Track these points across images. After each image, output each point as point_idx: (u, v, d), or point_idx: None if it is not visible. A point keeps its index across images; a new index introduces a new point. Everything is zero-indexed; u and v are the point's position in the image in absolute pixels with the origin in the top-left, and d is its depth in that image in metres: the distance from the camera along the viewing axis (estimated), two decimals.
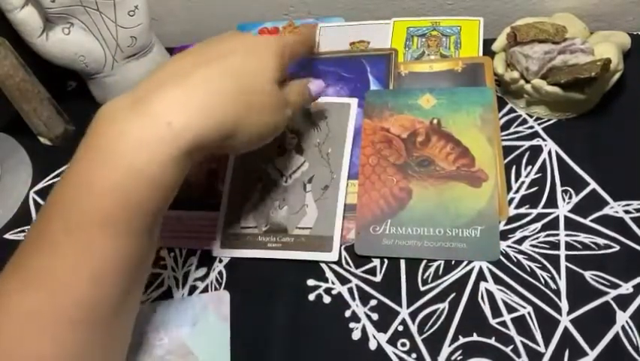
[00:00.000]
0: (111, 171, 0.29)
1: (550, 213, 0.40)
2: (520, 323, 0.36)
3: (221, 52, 0.34)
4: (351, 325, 0.38)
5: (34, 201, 0.51)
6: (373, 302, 0.39)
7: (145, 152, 0.29)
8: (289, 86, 0.39)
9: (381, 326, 0.38)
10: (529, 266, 0.38)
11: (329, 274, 0.41)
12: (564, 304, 0.36)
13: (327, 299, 0.40)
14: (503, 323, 0.36)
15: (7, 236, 0.49)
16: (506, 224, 0.41)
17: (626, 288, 0.36)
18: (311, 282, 0.41)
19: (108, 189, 0.28)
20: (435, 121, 0.45)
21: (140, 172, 0.29)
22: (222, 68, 0.33)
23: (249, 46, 0.36)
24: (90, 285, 0.29)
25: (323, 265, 0.41)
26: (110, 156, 0.29)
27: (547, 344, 0.35)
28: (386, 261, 0.41)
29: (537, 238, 0.40)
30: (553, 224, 0.40)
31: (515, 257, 0.39)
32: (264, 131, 0.35)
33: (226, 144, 0.33)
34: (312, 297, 0.40)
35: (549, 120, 0.45)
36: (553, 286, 0.37)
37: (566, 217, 0.40)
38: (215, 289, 0.42)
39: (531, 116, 0.46)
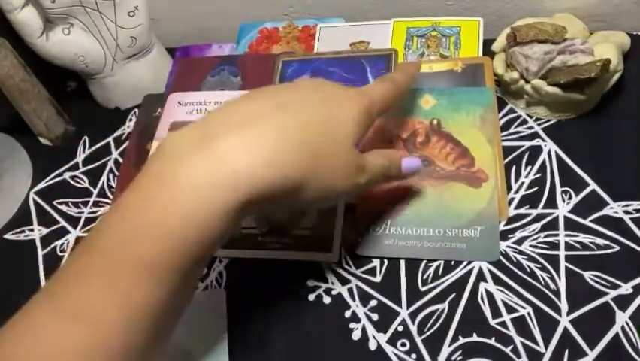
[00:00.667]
0: (162, 214, 0.27)
1: (549, 214, 0.40)
2: (520, 324, 0.36)
3: (301, 100, 0.32)
4: (351, 325, 0.38)
5: (34, 201, 0.51)
6: (373, 302, 0.39)
7: (202, 199, 0.27)
8: (374, 155, 0.35)
9: (381, 326, 0.38)
10: (528, 267, 0.38)
11: (329, 275, 0.41)
12: (564, 305, 0.36)
13: (327, 299, 0.40)
14: (503, 324, 0.36)
15: (7, 236, 0.49)
16: (506, 224, 0.41)
17: (626, 288, 0.36)
18: (311, 282, 0.41)
19: (157, 233, 0.27)
20: (435, 121, 0.45)
21: (192, 220, 0.27)
22: (300, 120, 0.30)
23: (331, 99, 0.33)
24: (121, 329, 0.27)
25: (323, 266, 0.41)
26: (165, 195, 0.27)
27: (546, 345, 0.35)
28: (386, 261, 0.41)
29: (537, 239, 0.40)
30: (552, 224, 0.40)
31: (515, 257, 0.39)
32: (331, 192, 0.32)
33: (289, 200, 0.31)
34: (312, 297, 0.40)
35: (549, 121, 0.45)
36: (552, 286, 0.37)
37: (565, 218, 0.40)
38: (215, 289, 0.42)
39: (531, 117, 0.46)
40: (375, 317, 0.38)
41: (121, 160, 0.52)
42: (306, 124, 0.30)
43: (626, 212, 0.40)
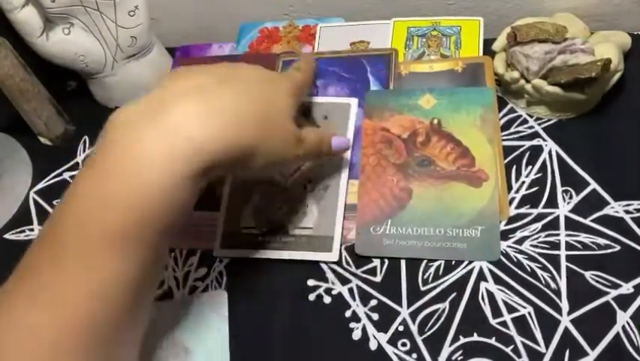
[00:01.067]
0: (124, 185, 0.27)
1: (550, 213, 0.40)
2: (521, 323, 0.36)
3: (244, 76, 0.34)
4: (352, 325, 0.38)
5: (34, 201, 0.51)
6: (374, 302, 0.39)
7: (162, 167, 0.28)
8: (309, 131, 0.38)
9: (382, 326, 0.38)
10: (529, 266, 0.38)
11: (329, 275, 0.41)
12: (564, 305, 0.36)
13: (327, 299, 0.40)
14: (504, 323, 0.36)
15: (7, 236, 0.49)
16: (506, 224, 0.41)
17: (627, 288, 0.36)
18: (311, 282, 0.41)
19: (119, 204, 0.27)
20: (435, 121, 0.45)
21: (155, 188, 0.28)
22: (247, 91, 0.33)
23: (268, 77, 0.36)
24: (94, 303, 0.27)
25: (323, 265, 0.41)
26: (123, 168, 0.28)
27: (547, 344, 0.35)
28: (386, 261, 0.41)
29: (537, 238, 0.39)
30: (553, 224, 0.40)
31: (515, 257, 0.39)
32: (277, 160, 0.35)
33: (240, 167, 0.33)
34: (312, 297, 0.40)
35: (549, 120, 0.45)
36: (553, 286, 0.37)
37: (566, 217, 0.40)
38: (215, 289, 0.42)
39: (531, 116, 0.46)
40: (375, 316, 0.38)
41: None
42: (254, 96, 0.33)
43: (627, 212, 0.39)
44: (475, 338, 0.36)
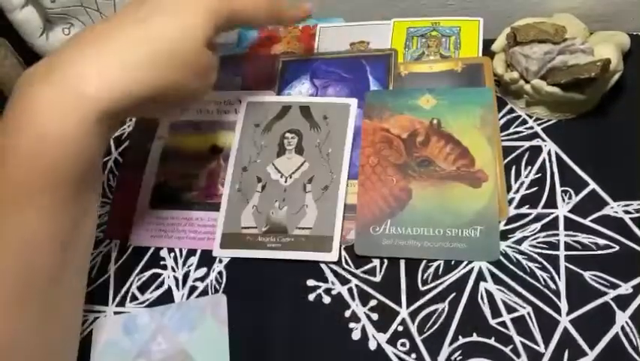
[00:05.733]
0: (22, 140, 0.29)
1: (549, 214, 0.40)
2: (520, 323, 0.36)
3: (147, 12, 0.33)
4: (351, 325, 0.38)
5: None
6: (373, 302, 0.39)
7: (56, 120, 0.29)
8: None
9: (381, 326, 0.38)
10: (528, 266, 0.38)
11: (329, 275, 0.41)
12: (564, 305, 0.36)
13: (326, 299, 0.40)
14: (503, 323, 0.36)
15: None
16: (506, 224, 0.41)
17: (626, 288, 0.36)
18: (311, 282, 0.41)
19: (21, 159, 0.29)
20: (435, 121, 0.45)
21: (52, 140, 0.29)
22: (145, 32, 0.32)
23: (176, 4, 0.34)
24: (19, 261, 0.28)
25: (323, 266, 0.41)
26: (21, 123, 0.29)
27: (546, 345, 0.35)
28: (386, 261, 0.41)
29: (537, 239, 0.40)
30: (552, 224, 0.40)
31: (515, 257, 0.39)
32: (186, 98, 0.35)
33: (150, 109, 0.34)
34: (311, 297, 0.40)
35: (549, 121, 0.45)
36: (552, 286, 0.37)
37: (565, 217, 0.40)
38: (215, 289, 0.42)
39: (531, 117, 0.46)
40: (375, 316, 0.38)
41: (121, 160, 0.52)
42: (152, 36, 0.32)
43: (626, 212, 0.40)
44: (475, 338, 0.36)
